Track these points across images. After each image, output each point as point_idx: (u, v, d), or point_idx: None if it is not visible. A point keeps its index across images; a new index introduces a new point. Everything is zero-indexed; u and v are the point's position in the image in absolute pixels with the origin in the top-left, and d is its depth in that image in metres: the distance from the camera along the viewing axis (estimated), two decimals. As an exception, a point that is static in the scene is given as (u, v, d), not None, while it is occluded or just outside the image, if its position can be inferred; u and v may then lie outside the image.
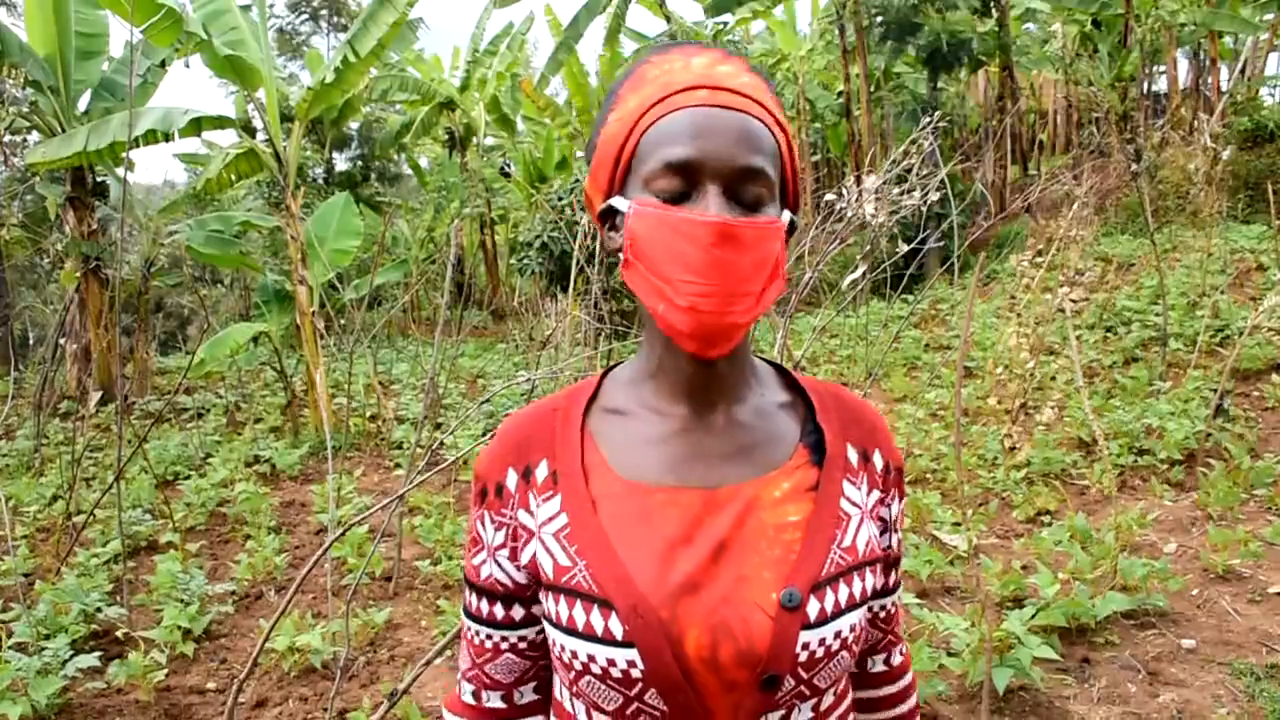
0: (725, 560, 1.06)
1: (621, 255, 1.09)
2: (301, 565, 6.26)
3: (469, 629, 1.23)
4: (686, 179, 1.02)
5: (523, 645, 1.20)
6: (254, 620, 5.53)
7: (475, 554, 1.19)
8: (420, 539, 6.59)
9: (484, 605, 1.19)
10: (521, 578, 1.15)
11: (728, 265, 1.00)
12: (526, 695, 1.24)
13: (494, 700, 1.23)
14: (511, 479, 1.15)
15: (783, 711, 1.06)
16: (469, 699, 1.25)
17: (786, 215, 1.10)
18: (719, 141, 1.02)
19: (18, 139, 14.88)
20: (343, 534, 3.56)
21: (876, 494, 1.18)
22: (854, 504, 1.14)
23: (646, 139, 1.05)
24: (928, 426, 8.22)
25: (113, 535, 6.45)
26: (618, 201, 1.09)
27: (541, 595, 1.12)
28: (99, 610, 5.27)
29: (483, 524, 1.17)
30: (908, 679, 1.35)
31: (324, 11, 29.41)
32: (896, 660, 1.34)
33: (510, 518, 1.15)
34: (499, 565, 1.16)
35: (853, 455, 1.17)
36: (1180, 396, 7.81)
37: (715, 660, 1.02)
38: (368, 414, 11.05)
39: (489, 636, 1.21)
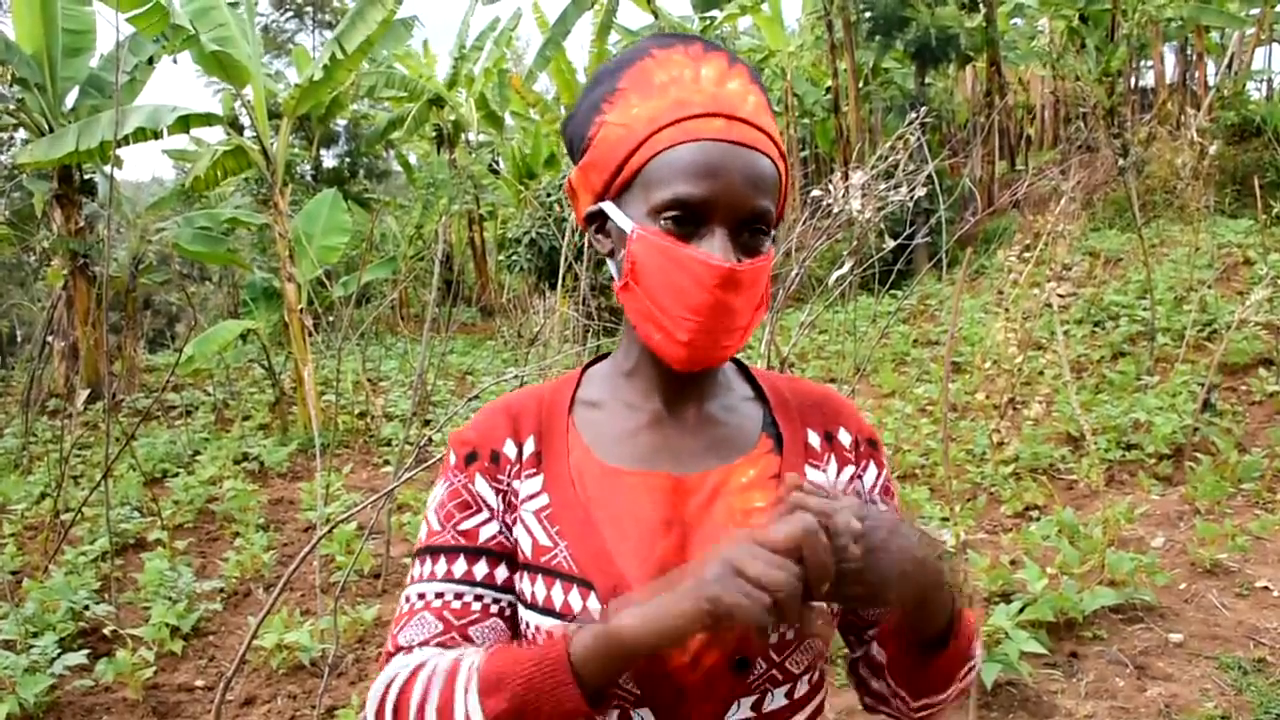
0: (695, 544, 1.08)
1: (615, 266, 1.11)
2: (290, 563, 6.24)
3: (444, 595, 1.11)
4: (695, 215, 1.03)
5: (510, 612, 1.13)
6: (242, 618, 5.52)
7: (469, 518, 1.12)
8: (409, 536, 6.58)
9: (481, 568, 1.11)
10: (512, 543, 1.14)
11: (727, 306, 1.03)
12: None
13: None
14: (511, 449, 1.16)
15: (755, 697, 1.07)
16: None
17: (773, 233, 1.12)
18: (732, 183, 1.02)
19: (4, 136, 14.81)
20: (330, 530, 3.55)
21: (850, 469, 1.20)
22: (818, 488, 1.11)
23: (659, 163, 1.04)
24: (916, 422, 8.24)
25: (101, 533, 6.42)
26: (616, 215, 1.09)
27: (515, 574, 1.12)
28: (87, 608, 5.26)
29: (475, 486, 1.14)
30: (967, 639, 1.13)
31: (309, 9, 29.32)
32: None
33: (506, 485, 1.14)
34: (507, 526, 1.13)
35: (814, 439, 1.19)
36: (1168, 391, 7.84)
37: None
38: (356, 411, 11.03)
39: (479, 597, 1.11)
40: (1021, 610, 4.25)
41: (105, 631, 5.16)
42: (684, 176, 1.03)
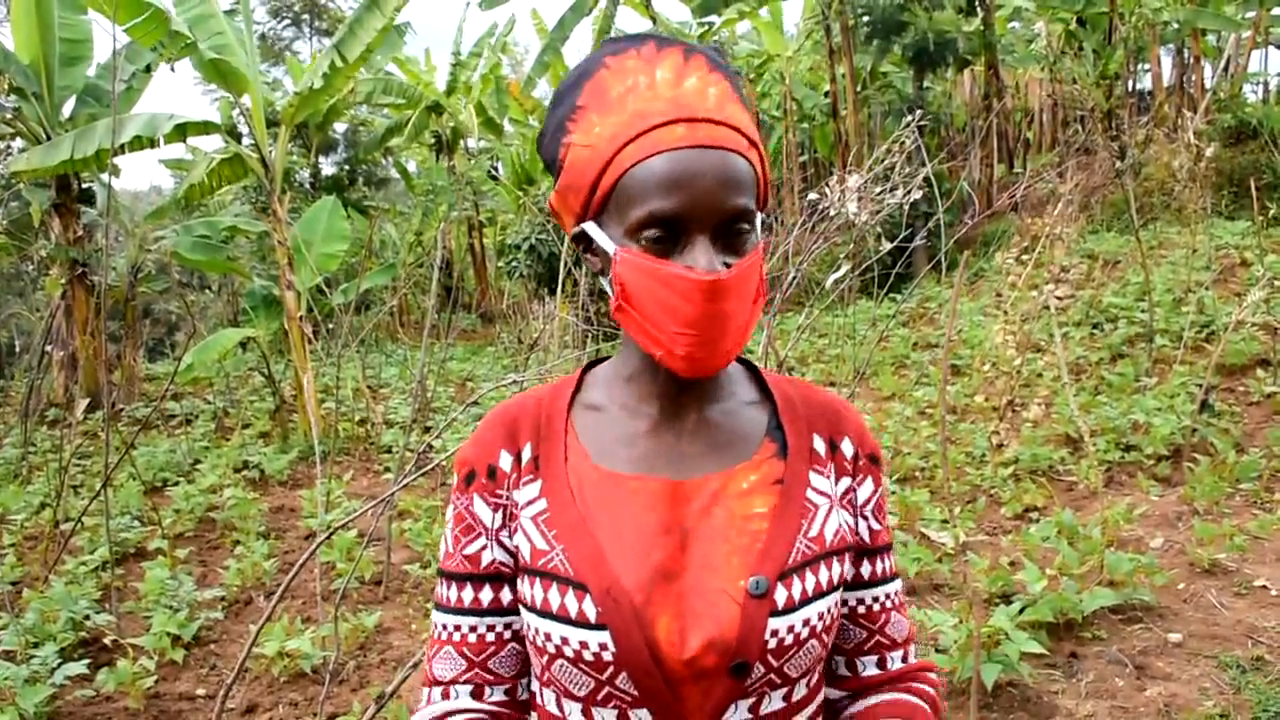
0: (694, 549, 1.08)
1: (607, 285, 1.10)
2: (291, 570, 6.25)
3: (461, 627, 1.17)
4: (672, 228, 1.02)
5: (520, 628, 1.18)
6: (244, 626, 5.52)
7: (471, 542, 1.16)
8: (409, 543, 6.58)
9: (487, 594, 1.16)
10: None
11: (719, 315, 1.02)
12: (524, 692, 1.20)
13: (497, 694, 1.18)
14: (505, 460, 1.17)
15: (753, 699, 1.07)
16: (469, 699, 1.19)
17: (759, 217, 1.09)
18: (704, 189, 1.00)
19: (1, 145, 14.81)
20: (329, 536, 3.55)
21: (846, 481, 1.19)
22: (821, 494, 1.15)
23: (628, 182, 1.03)
24: (916, 425, 8.24)
25: (101, 542, 6.42)
26: (598, 236, 1.09)
27: (517, 579, 1.14)
28: (87, 618, 5.25)
29: (475, 508, 1.17)
30: (917, 697, 1.20)
31: (305, 16, 29.27)
32: (895, 666, 1.23)
33: (505, 498, 1.16)
34: (502, 547, 1.16)
35: (819, 445, 1.18)
36: (1166, 392, 7.85)
37: (685, 646, 1.04)
38: (356, 418, 11.04)
39: (491, 627, 1.16)
40: (1021, 611, 4.26)
41: (106, 641, 5.15)
42: (654, 192, 1.01)
